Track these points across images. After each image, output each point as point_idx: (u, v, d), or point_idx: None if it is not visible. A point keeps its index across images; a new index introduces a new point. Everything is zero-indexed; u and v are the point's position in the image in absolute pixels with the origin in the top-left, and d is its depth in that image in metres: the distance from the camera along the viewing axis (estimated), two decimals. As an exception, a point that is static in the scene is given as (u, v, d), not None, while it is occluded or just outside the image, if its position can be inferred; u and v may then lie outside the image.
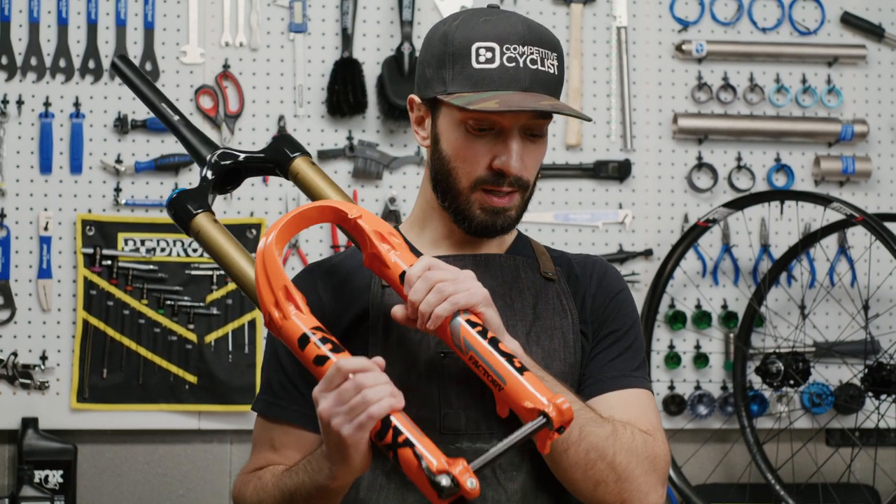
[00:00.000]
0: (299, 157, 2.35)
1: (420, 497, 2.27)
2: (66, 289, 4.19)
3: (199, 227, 2.28)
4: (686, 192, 4.49)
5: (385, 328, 2.31)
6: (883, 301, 4.48)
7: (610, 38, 4.48)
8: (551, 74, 2.29)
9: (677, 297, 4.44)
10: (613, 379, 2.34)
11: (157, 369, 4.18)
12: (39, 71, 4.20)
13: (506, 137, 2.27)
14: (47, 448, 4.10)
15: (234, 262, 2.24)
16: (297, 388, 2.36)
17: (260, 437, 2.44)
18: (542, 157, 2.35)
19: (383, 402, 1.99)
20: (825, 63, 4.56)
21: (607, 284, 2.42)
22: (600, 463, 2.19)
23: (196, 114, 4.26)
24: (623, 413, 2.30)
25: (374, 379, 2.00)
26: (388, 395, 2.00)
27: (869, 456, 4.40)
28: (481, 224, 2.32)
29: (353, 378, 2.00)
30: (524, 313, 2.35)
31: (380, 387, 2.00)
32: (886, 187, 4.57)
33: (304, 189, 2.32)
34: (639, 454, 2.24)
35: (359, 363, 2.01)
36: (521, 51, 2.27)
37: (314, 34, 4.33)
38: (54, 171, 4.20)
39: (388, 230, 2.16)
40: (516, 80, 2.25)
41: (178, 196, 2.30)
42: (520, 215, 2.36)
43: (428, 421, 2.26)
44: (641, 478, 2.24)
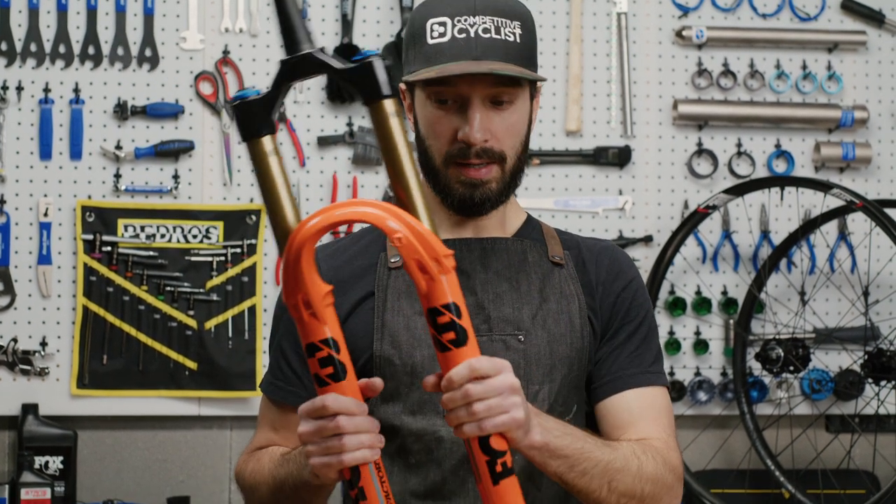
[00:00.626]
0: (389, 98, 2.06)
1: (422, 480, 2.29)
2: (66, 275, 4.19)
3: (255, 153, 2.06)
4: (686, 179, 4.48)
5: (391, 311, 2.32)
6: (883, 287, 4.48)
7: (610, 24, 4.47)
8: (510, 42, 2.28)
9: (677, 284, 4.44)
10: (632, 376, 2.36)
11: (157, 355, 4.19)
12: (39, 57, 4.20)
13: (468, 107, 2.27)
14: (47, 434, 4.11)
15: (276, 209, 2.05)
16: (298, 375, 2.37)
17: (263, 416, 2.46)
18: (518, 127, 2.32)
19: (357, 453, 1.96)
20: (825, 49, 4.56)
21: (618, 272, 2.42)
22: (632, 502, 2.23)
23: (196, 100, 4.26)
24: (639, 415, 2.33)
25: (355, 426, 1.96)
26: (365, 445, 1.96)
27: (868, 442, 4.40)
28: (460, 198, 2.32)
29: (336, 420, 1.95)
30: (530, 297, 2.34)
31: (359, 436, 1.96)
32: (886, 173, 4.57)
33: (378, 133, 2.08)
34: (662, 476, 2.28)
35: (345, 405, 1.96)
36: (472, 21, 2.26)
37: (314, 20, 4.33)
38: (54, 158, 4.19)
39: (433, 255, 1.97)
40: (467, 50, 2.25)
41: (245, 105, 2.07)
42: (504, 189, 2.34)
43: (431, 403, 2.28)
44: (666, 496, 2.30)
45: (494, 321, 2.31)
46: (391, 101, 2.03)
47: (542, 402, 2.30)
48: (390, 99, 2.03)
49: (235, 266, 4.23)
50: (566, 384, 2.33)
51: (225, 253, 4.23)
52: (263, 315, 4.23)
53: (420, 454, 2.29)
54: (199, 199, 4.25)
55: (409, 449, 2.29)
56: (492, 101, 2.28)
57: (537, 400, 2.30)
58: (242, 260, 4.23)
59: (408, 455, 2.29)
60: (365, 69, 2.02)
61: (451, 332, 1.95)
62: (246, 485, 2.39)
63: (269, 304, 4.24)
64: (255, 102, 2.06)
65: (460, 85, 2.26)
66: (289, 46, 2.09)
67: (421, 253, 1.95)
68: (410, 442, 2.29)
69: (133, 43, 4.24)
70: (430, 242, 1.96)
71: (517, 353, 2.29)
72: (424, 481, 2.29)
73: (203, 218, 4.23)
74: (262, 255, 4.25)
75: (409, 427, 2.29)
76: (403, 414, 2.29)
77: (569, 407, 2.35)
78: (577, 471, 2.16)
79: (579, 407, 2.37)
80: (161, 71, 4.25)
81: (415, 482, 2.29)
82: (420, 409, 2.29)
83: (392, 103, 2.04)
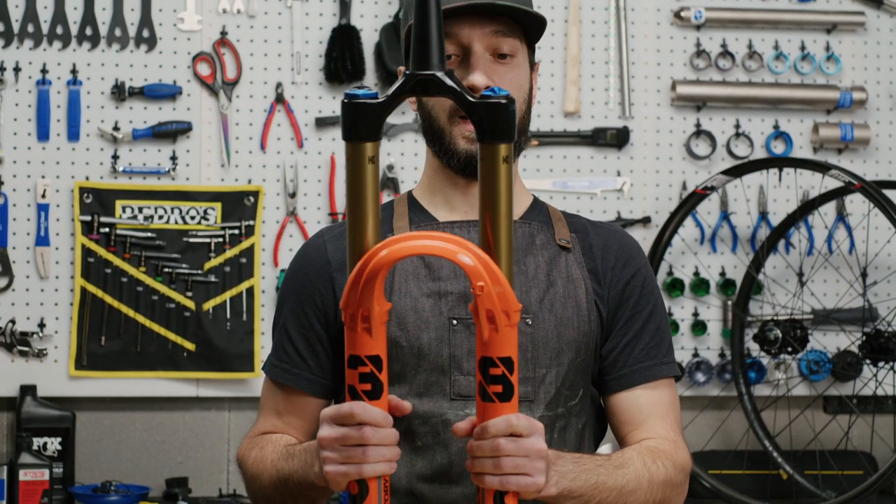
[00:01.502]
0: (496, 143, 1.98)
1: (428, 463, 2.29)
2: (64, 256, 4.18)
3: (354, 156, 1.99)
4: (684, 160, 4.48)
5: (398, 293, 2.32)
6: (881, 268, 4.48)
7: (608, 4, 4.46)
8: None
9: (675, 265, 4.44)
10: (647, 369, 2.38)
11: (155, 337, 4.18)
12: (36, 38, 4.19)
13: (470, 59, 2.29)
14: (46, 415, 4.11)
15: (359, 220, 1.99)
16: (303, 358, 2.37)
17: (266, 400, 2.45)
18: (519, 82, 2.33)
19: (377, 465, 1.96)
20: (824, 30, 4.55)
21: (627, 259, 2.42)
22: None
23: (193, 81, 4.25)
24: (649, 412, 2.36)
25: (379, 438, 1.95)
26: (384, 459, 1.96)
27: (866, 423, 4.41)
28: (466, 154, 2.30)
29: (363, 430, 1.95)
30: (537, 280, 2.34)
31: (381, 449, 1.96)
32: (885, 154, 4.57)
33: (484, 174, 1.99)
34: (673, 479, 2.32)
35: (374, 416, 1.95)
36: None
37: (312, 1, 4.32)
38: (52, 139, 4.19)
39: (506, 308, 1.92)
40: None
41: (356, 105, 1.99)
42: None
43: (438, 386, 2.28)
44: (677, 498, 2.33)
45: None
46: (507, 146, 1.97)
47: (549, 386, 2.31)
48: (508, 144, 1.97)
49: (233, 247, 4.23)
50: (573, 368, 2.33)
51: (223, 234, 4.23)
52: (261, 296, 4.22)
53: (426, 437, 2.29)
54: (197, 180, 4.24)
55: (416, 431, 2.29)
56: (493, 53, 2.30)
57: (545, 383, 2.30)
58: (240, 241, 4.23)
59: (414, 438, 2.29)
60: (495, 108, 1.96)
61: (500, 385, 1.94)
62: (248, 472, 2.37)
63: (266, 285, 4.24)
64: (368, 105, 1.98)
65: (461, 34, 2.28)
66: (419, 61, 2.00)
67: (496, 305, 1.92)
68: (417, 424, 2.29)
69: (130, 24, 4.23)
70: (507, 296, 1.92)
71: (525, 336, 2.28)
72: (431, 464, 2.29)
73: (201, 199, 4.23)
74: (259, 236, 4.24)
75: (416, 409, 2.27)
76: (410, 396, 2.29)
77: (575, 391, 2.35)
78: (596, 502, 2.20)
79: (585, 390, 2.38)
80: (159, 52, 4.24)
81: (421, 465, 2.29)
82: (427, 392, 2.29)
83: (507, 148, 1.97)
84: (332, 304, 2.36)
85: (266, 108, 4.27)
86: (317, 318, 2.36)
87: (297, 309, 2.38)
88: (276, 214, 4.28)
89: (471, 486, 2.26)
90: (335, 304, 2.35)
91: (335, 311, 2.35)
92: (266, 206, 4.26)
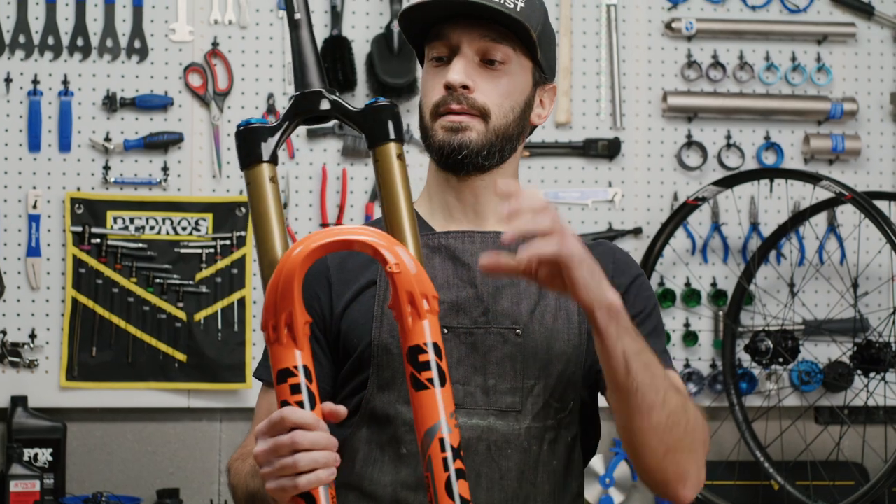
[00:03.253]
0: (392, 143, 2.12)
1: (413, 471, 2.29)
2: (55, 267, 4.18)
3: (254, 179, 2.09)
4: (675, 171, 4.49)
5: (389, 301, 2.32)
6: (872, 279, 4.49)
7: (599, 15, 4.47)
8: (509, 7, 2.31)
9: (666, 276, 4.45)
10: None
11: (146, 347, 4.18)
12: (28, 48, 4.19)
13: (453, 59, 2.33)
14: (36, 426, 4.10)
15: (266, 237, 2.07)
16: None
17: (259, 409, 2.43)
18: (508, 91, 2.35)
19: (310, 475, 1.92)
20: (815, 41, 4.56)
21: (624, 269, 2.42)
22: (677, 430, 2.19)
23: (185, 91, 4.25)
24: None
25: (311, 441, 1.93)
26: (320, 464, 1.92)
27: (858, 434, 4.41)
28: (441, 143, 2.33)
29: (292, 435, 1.93)
30: (529, 292, 2.35)
31: (314, 454, 1.92)
32: (875, 165, 4.57)
33: (378, 176, 2.12)
34: (704, 428, 2.26)
35: (303, 418, 1.93)
36: None
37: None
38: (43, 149, 4.19)
39: (423, 292, 1.98)
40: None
41: (250, 130, 2.10)
42: (488, 146, 2.33)
43: (427, 393, 2.29)
44: (701, 450, 2.25)
45: (493, 314, 2.32)
46: (396, 145, 2.08)
47: (536, 397, 2.31)
48: (396, 143, 2.08)
49: (225, 258, 4.23)
50: (563, 380, 2.33)
51: (214, 245, 4.23)
52: (253, 307, 4.22)
53: (412, 444, 2.28)
54: (189, 191, 4.24)
55: (402, 439, 2.29)
56: (483, 58, 2.33)
57: (532, 394, 2.31)
58: (232, 252, 4.23)
59: (399, 445, 2.29)
60: (375, 112, 2.08)
61: (433, 371, 1.95)
62: (230, 484, 2.38)
63: (258, 296, 4.24)
64: (258, 129, 2.08)
65: (451, 36, 2.32)
66: (302, 83, 2.11)
67: (415, 288, 1.95)
68: (403, 432, 2.29)
69: (122, 34, 4.23)
70: (425, 281, 1.95)
71: (514, 347, 2.29)
72: (415, 472, 2.28)
73: (192, 210, 4.23)
74: (251, 246, 4.24)
75: (403, 416, 2.29)
76: (398, 403, 2.29)
77: (565, 403, 2.35)
78: (643, 359, 2.13)
79: (575, 403, 2.37)
80: (150, 63, 4.25)
81: (406, 473, 2.29)
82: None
83: (397, 147, 2.08)
84: (328, 309, 2.36)
85: (257, 118, 4.27)
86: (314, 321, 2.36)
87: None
88: (268, 225, 4.27)
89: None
90: (331, 308, 2.36)
91: (331, 315, 2.36)
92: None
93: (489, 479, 2.28)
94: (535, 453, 2.31)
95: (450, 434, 1.94)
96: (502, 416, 2.29)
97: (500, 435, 2.29)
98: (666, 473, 2.22)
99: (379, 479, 2.30)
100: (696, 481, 2.25)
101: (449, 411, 1.95)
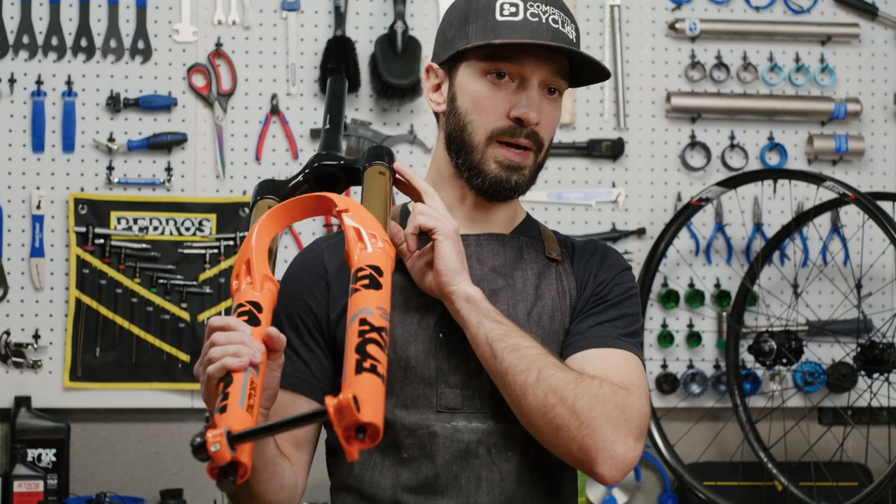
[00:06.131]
0: (372, 165, 2.30)
1: (414, 474, 2.29)
2: (59, 267, 4.18)
3: (259, 209, 2.28)
4: (679, 171, 4.48)
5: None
6: (875, 280, 4.48)
7: (603, 16, 4.47)
8: (570, 39, 2.33)
9: (670, 276, 4.44)
10: (599, 338, 2.31)
11: (149, 348, 4.18)
12: (32, 49, 4.19)
13: (526, 87, 2.32)
14: (40, 427, 4.10)
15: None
16: (298, 355, 2.37)
17: None
18: (556, 121, 2.38)
19: (217, 363, 1.98)
20: (818, 42, 4.56)
21: (610, 265, 2.43)
22: (560, 407, 2.16)
23: (189, 92, 4.25)
24: (600, 369, 2.24)
25: (227, 338, 1.99)
26: (229, 353, 1.97)
27: (861, 434, 4.40)
28: (496, 179, 2.33)
29: (212, 336, 2.01)
30: (525, 293, 2.36)
31: (229, 346, 1.98)
32: (879, 166, 4.57)
33: (363, 190, 2.28)
34: (605, 401, 2.17)
35: (220, 322, 2.02)
36: (544, 9, 2.32)
37: (307, 12, 4.33)
38: (47, 150, 4.19)
39: (372, 230, 2.09)
40: (539, 33, 2.30)
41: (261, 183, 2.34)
42: (532, 179, 2.37)
43: (425, 398, 2.29)
44: (607, 426, 2.16)
45: None
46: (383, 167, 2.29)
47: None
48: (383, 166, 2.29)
49: (228, 258, 4.23)
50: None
51: (218, 245, 4.23)
52: (256, 307, 4.22)
53: (412, 449, 2.29)
54: (192, 191, 4.25)
55: (402, 443, 2.30)
56: (546, 88, 2.34)
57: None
58: (235, 252, 4.23)
59: (400, 449, 2.30)
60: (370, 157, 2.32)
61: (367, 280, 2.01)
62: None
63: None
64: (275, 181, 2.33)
65: (526, 64, 2.31)
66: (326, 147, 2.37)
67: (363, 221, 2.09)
68: (403, 436, 2.29)
69: (126, 35, 4.23)
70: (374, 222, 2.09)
71: None
72: (416, 476, 2.29)
73: (196, 210, 4.23)
74: (255, 247, 4.24)
75: (402, 421, 2.29)
76: (396, 408, 2.30)
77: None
78: (508, 343, 2.18)
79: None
80: (154, 63, 4.25)
81: (406, 476, 2.30)
82: (413, 404, 2.29)
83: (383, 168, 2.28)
84: (325, 312, 2.36)
85: (261, 119, 4.27)
86: (312, 322, 2.37)
87: (292, 314, 2.38)
88: (271, 226, 4.27)
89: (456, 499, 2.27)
90: (328, 312, 2.36)
91: (328, 319, 2.36)
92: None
93: (489, 481, 2.29)
94: (533, 456, 2.32)
95: (372, 316, 1.96)
96: (502, 419, 2.30)
97: (499, 438, 2.30)
98: (570, 452, 2.19)
99: (379, 482, 2.30)
100: (613, 459, 2.17)
101: (376, 305, 1.99)
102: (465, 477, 2.28)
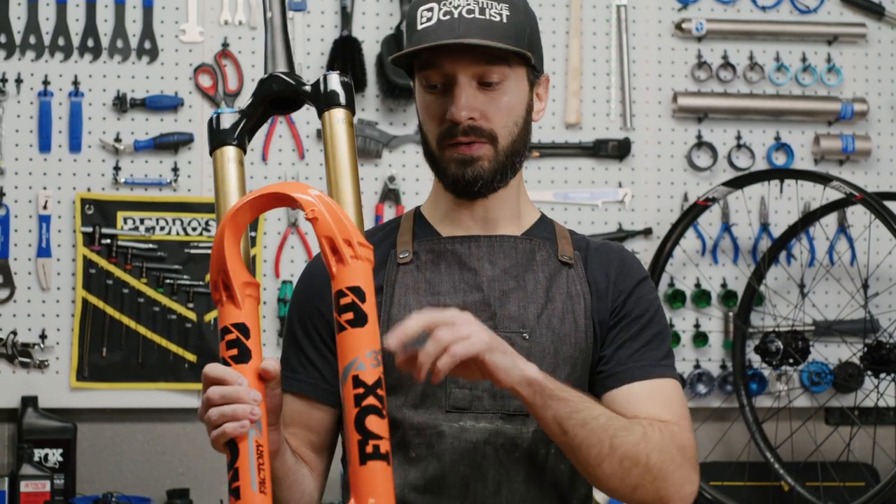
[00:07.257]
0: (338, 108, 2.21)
1: (421, 474, 2.29)
2: (66, 267, 4.19)
3: (217, 160, 2.21)
4: (686, 171, 4.48)
5: (398, 306, 2.33)
6: (882, 280, 4.48)
7: (610, 16, 4.47)
8: (495, 21, 2.29)
9: (677, 276, 4.44)
10: (640, 368, 2.34)
11: (156, 348, 4.19)
12: (38, 49, 4.19)
13: (454, 87, 2.31)
14: (47, 427, 4.11)
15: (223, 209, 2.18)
16: (312, 362, 2.38)
17: None
18: (510, 108, 2.34)
19: (217, 430, 2.02)
20: (825, 41, 4.55)
21: (628, 272, 2.41)
22: (635, 469, 2.20)
23: (195, 92, 4.25)
24: (648, 403, 2.30)
25: (221, 395, 2.02)
26: (228, 418, 2.00)
27: (868, 434, 4.40)
28: (454, 178, 2.34)
29: (208, 392, 2.03)
30: (536, 296, 2.35)
31: (224, 408, 2.00)
32: (886, 166, 4.57)
33: (324, 141, 2.20)
34: (670, 451, 2.23)
35: (218, 373, 2.03)
36: (457, 3, 2.29)
37: (313, 12, 4.33)
38: (53, 150, 4.19)
39: (346, 237, 2.03)
40: (450, 30, 2.28)
41: (217, 117, 2.24)
42: (499, 169, 2.34)
43: (434, 398, 2.29)
44: (676, 473, 2.24)
45: (500, 318, 2.32)
46: (341, 110, 2.17)
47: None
48: (341, 108, 2.17)
49: (235, 259, 4.22)
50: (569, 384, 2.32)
51: (224, 245, 4.23)
52: (263, 308, 4.22)
53: (420, 448, 2.29)
54: (199, 191, 4.25)
55: (410, 443, 2.30)
56: (480, 81, 2.31)
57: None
58: (241, 252, 4.23)
59: (408, 448, 2.30)
60: (325, 82, 2.19)
61: (351, 312, 1.98)
62: None
63: (268, 296, 4.24)
64: (224, 116, 2.22)
65: (444, 65, 2.29)
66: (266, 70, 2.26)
67: (335, 233, 2.00)
68: (411, 436, 2.30)
69: (132, 35, 4.23)
70: (346, 225, 2.00)
71: (522, 350, 2.27)
72: (424, 475, 2.29)
73: (202, 210, 4.23)
74: (261, 247, 4.25)
75: (410, 420, 2.29)
76: (405, 407, 2.30)
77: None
78: (577, 419, 2.16)
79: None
80: (160, 63, 4.25)
81: (414, 475, 2.30)
82: (422, 403, 2.30)
83: (343, 112, 2.17)
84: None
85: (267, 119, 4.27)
86: (325, 329, 2.37)
87: (305, 322, 2.39)
88: (278, 226, 4.28)
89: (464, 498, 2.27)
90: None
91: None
92: (267, 217, 4.27)
93: (496, 482, 2.29)
94: (542, 456, 2.31)
95: (364, 371, 1.96)
96: (510, 419, 2.30)
97: (507, 438, 2.29)
98: (646, 501, 2.24)
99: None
100: (684, 499, 2.27)
101: (366, 350, 1.97)
102: (472, 477, 2.28)
